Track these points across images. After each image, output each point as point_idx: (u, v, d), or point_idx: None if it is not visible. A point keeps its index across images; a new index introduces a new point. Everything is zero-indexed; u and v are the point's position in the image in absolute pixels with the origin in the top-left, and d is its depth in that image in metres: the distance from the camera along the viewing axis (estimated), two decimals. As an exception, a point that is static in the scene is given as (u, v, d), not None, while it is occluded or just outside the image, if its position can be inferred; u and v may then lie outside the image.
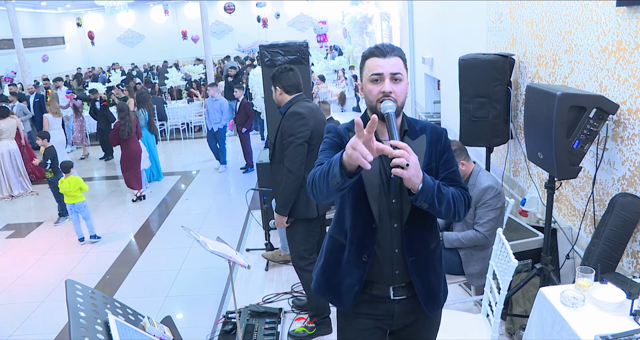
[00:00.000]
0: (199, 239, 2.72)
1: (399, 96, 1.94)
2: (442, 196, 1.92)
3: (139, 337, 1.81)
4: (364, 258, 2.08)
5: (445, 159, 2.09)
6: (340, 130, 2.10)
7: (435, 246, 2.17)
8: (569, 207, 3.67)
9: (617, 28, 2.91)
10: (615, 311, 2.32)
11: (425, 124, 2.13)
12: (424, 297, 2.13)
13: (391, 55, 1.95)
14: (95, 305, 1.80)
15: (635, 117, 2.83)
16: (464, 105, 4.31)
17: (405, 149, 1.76)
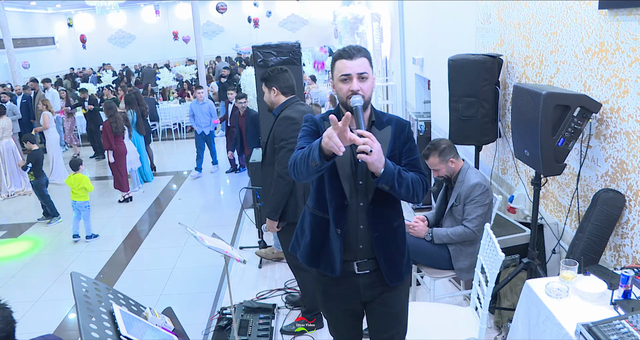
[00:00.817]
0: (196, 235, 2.80)
1: (366, 92, 2.23)
2: (402, 180, 2.19)
3: (143, 325, 1.88)
4: (338, 231, 2.34)
5: (408, 147, 2.38)
6: (317, 119, 2.39)
7: (397, 224, 2.42)
8: (555, 204, 3.77)
9: (600, 30, 3.01)
10: (597, 301, 2.41)
11: (391, 117, 2.42)
12: (385, 270, 2.39)
13: (357, 57, 2.22)
14: (100, 296, 1.87)
15: (617, 115, 2.93)
16: (453, 105, 4.40)
17: (369, 138, 2.01)
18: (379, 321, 2.54)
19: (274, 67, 3.72)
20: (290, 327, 3.99)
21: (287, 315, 4.24)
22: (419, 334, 2.95)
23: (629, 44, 2.75)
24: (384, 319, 2.52)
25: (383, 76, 10.33)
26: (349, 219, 2.33)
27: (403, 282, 2.51)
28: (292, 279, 4.74)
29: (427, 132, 6.30)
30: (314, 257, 2.47)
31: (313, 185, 2.46)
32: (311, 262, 2.50)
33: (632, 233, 2.88)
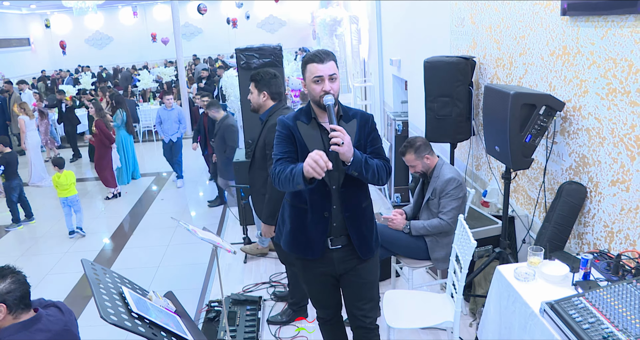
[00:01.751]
0: (189, 228, 2.95)
1: (336, 91, 2.56)
2: (368, 167, 2.53)
3: (149, 305, 2.05)
4: (325, 214, 2.67)
5: (372, 137, 2.72)
6: (289, 122, 2.69)
7: (366, 205, 2.77)
8: (525, 197, 4.01)
9: (562, 34, 3.25)
10: (560, 283, 2.63)
11: (356, 111, 2.75)
12: (357, 245, 2.73)
13: (327, 61, 2.55)
14: (109, 280, 2.03)
15: (578, 113, 3.17)
16: (429, 104, 4.60)
17: (341, 132, 2.35)
18: (353, 290, 2.85)
19: (267, 71, 3.75)
20: (276, 318, 4.17)
21: (272, 307, 4.42)
22: (399, 319, 3.15)
23: (588, 48, 2.99)
24: (358, 289, 2.84)
25: (361, 77, 10.54)
26: (325, 201, 2.65)
27: (373, 256, 2.84)
28: (276, 273, 4.92)
29: (404, 131, 6.52)
30: (295, 244, 2.81)
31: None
32: (292, 248, 2.83)
33: (592, 221, 3.12)
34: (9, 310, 2.22)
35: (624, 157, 2.77)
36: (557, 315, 2.26)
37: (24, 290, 2.26)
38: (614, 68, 2.78)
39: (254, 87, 3.73)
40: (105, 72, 21.22)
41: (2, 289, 2.22)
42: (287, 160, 2.63)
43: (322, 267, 2.80)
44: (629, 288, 2.25)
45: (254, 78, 3.73)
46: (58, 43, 25.78)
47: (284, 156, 2.65)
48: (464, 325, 3.85)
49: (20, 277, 2.30)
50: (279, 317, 4.17)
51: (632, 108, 2.66)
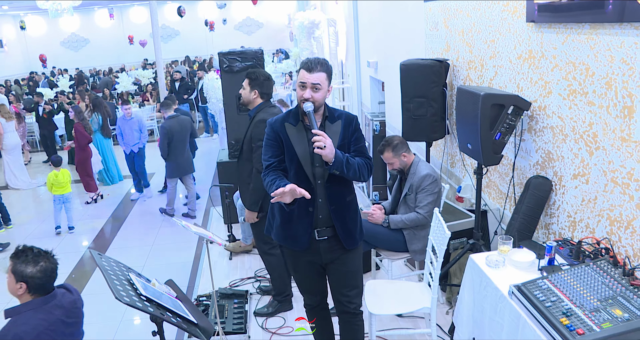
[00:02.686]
0: (182, 224, 3.12)
1: (317, 99, 2.78)
2: (350, 166, 2.78)
3: (154, 290, 2.22)
4: (310, 209, 2.89)
5: (355, 137, 2.95)
6: (276, 125, 2.91)
7: (350, 199, 3.00)
8: (497, 191, 4.26)
9: (528, 39, 3.50)
10: (527, 269, 2.86)
11: (341, 112, 2.98)
12: (343, 236, 2.96)
13: (316, 71, 2.76)
14: (116, 268, 2.19)
15: (544, 112, 3.42)
16: (405, 105, 4.82)
17: (322, 136, 2.63)
18: (338, 278, 3.08)
19: (263, 72, 4.07)
20: (262, 310, 4.35)
21: (259, 299, 4.60)
22: (379, 306, 3.36)
23: (551, 52, 3.24)
24: (343, 277, 3.07)
25: (339, 79, 10.75)
26: (314, 196, 2.85)
27: (357, 246, 3.07)
28: (261, 268, 5.10)
29: (382, 131, 6.74)
30: (284, 236, 3.04)
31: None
32: (282, 240, 3.07)
33: (558, 212, 3.37)
34: (29, 290, 2.42)
35: (583, 152, 3.02)
36: (524, 296, 2.49)
37: (47, 279, 2.44)
38: (574, 71, 3.03)
39: (247, 83, 4.00)
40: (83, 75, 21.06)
41: (29, 272, 2.39)
42: (276, 168, 2.89)
43: (309, 256, 3.02)
44: (586, 270, 2.49)
45: (250, 76, 4.01)
46: (32, 45, 25.43)
47: (272, 163, 2.90)
48: (441, 313, 4.07)
49: (51, 265, 2.46)
50: (264, 309, 4.36)
51: (590, 107, 2.91)
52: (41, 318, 2.37)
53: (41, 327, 2.35)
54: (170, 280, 2.69)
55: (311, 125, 2.72)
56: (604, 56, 2.75)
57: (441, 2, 4.95)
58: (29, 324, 2.34)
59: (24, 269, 2.41)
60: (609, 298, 2.27)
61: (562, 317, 2.24)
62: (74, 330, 2.60)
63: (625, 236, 2.74)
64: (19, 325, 2.34)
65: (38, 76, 21.16)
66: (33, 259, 2.43)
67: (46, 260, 2.46)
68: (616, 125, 2.71)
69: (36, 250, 2.48)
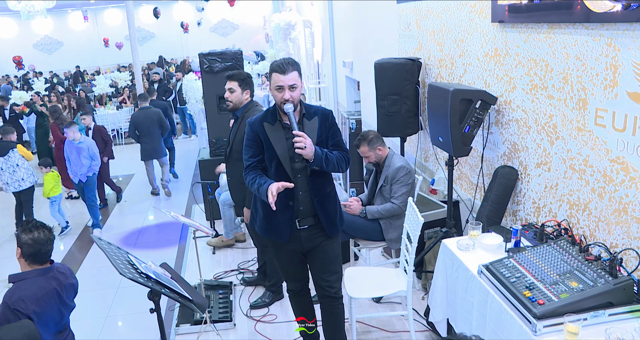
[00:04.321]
0: (171, 214, 3.28)
1: (295, 98, 2.94)
2: (328, 161, 3.00)
3: (151, 270, 2.38)
4: (290, 203, 3.07)
5: (332, 131, 3.14)
6: (255, 125, 3.07)
7: (330, 190, 3.19)
8: (468, 183, 4.49)
9: (494, 38, 3.73)
10: (495, 251, 3.07)
11: (317, 108, 3.16)
12: (325, 224, 3.15)
13: (289, 72, 2.91)
14: (115, 251, 2.35)
15: (509, 107, 3.65)
16: (380, 102, 5.02)
17: (302, 136, 2.84)
18: (319, 265, 3.27)
19: (244, 72, 4.22)
20: (258, 302, 4.48)
21: (242, 290, 4.76)
22: (358, 290, 3.55)
23: (514, 50, 3.48)
24: (323, 263, 3.26)
25: (315, 79, 10.94)
26: (288, 192, 3.02)
27: (338, 233, 3.27)
28: (243, 261, 5.26)
29: (358, 129, 6.94)
30: (267, 229, 3.21)
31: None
32: (264, 232, 3.23)
33: (524, 200, 3.61)
34: (23, 256, 2.72)
35: (545, 142, 3.26)
36: (491, 273, 2.71)
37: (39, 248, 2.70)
38: (535, 67, 3.27)
39: (237, 86, 4.06)
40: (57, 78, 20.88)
41: (23, 238, 2.70)
42: (256, 167, 3.09)
43: (290, 245, 3.21)
44: (548, 249, 2.72)
45: (238, 77, 4.08)
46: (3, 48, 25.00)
47: (252, 163, 3.09)
48: (417, 299, 4.28)
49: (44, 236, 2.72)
50: (260, 300, 4.50)
51: (550, 101, 3.15)
52: (40, 285, 2.67)
53: (40, 293, 2.64)
54: (165, 263, 2.85)
55: (292, 126, 2.89)
56: (560, 53, 2.99)
57: (413, 4, 5.18)
58: (30, 289, 2.63)
59: (20, 235, 2.72)
60: (566, 272, 2.49)
61: (525, 290, 2.46)
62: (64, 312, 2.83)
63: (583, 218, 2.98)
64: (22, 289, 2.63)
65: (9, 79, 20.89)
66: (29, 228, 2.71)
67: (41, 232, 2.72)
68: (573, 116, 2.95)
69: (36, 222, 2.77)
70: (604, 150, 2.74)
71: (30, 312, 2.57)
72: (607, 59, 2.63)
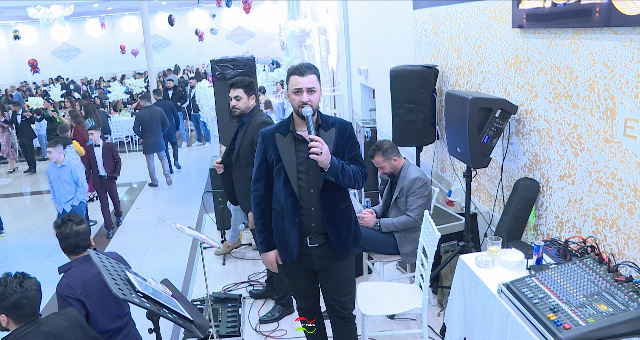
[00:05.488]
0: (177, 226, 3.16)
1: (314, 102, 2.80)
2: (345, 172, 2.79)
3: (150, 288, 2.26)
4: (296, 220, 2.91)
5: (350, 144, 2.95)
6: (267, 136, 2.94)
7: (344, 207, 3.00)
8: (486, 195, 4.32)
9: (514, 45, 3.58)
10: (516, 268, 2.92)
11: (335, 119, 2.98)
12: (336, 244, 2.96)
13: (308, 74, 2.79)
14: (113, 267, 2.24)
15: (530, 116, 3.49)
16: (396, 111, 4.89)
17: (319, 142, 2.63)
18: (331, 285, 3.08)
19: (247, 78, 4.13)
20: (268, 316, 4.36)
21: (252, 303, 4.63)
22: (371, 307, 3.40)
23: (536, 57, 3.32)
24: (335, 284, 3.08)
25: (330, 86, 10.84)
26: (303, 204, 2.89)
27: (350, 254, 3.08)
28: (254, 273, 5.13)
29: (373, 138, 6.80)
30: (277, 247, 3.04)
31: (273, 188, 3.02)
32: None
33: (545, 214, 3.44)
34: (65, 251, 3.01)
35: (569, 153, 3.10)
36: (512, 293, 2.55)
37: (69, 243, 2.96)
38: (559, 75, 3.11)
39: (243, 92, 4.00)
40: (74, 85, 21.03)
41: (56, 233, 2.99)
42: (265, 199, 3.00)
43: (301, 263, 3.03)
44: (573, 267, 2.55)
45: (242, 84, 4.01)
46: (23, 54, 25.44)
47: (260, 177, 2.99)
48: (432, 315, 4.12)
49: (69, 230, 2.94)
50: (270, 314, 4.38)
51: (574, 110, 2.99)
52: (85, 271, 2.87)
53: (86, 278, 2.84)
54: (166, 280, 2.74)
55: (309, 130, 2.71)
56: (586, 60, 2.83)
57: (430, 10, 5.04)
58: (76, 275, 2.83)
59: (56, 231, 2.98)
60: (594, 294, 2.33)
61: (549, 313, 2.29)
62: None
63: (610, 235, 2.81)
64: (69, 277, 2.84)
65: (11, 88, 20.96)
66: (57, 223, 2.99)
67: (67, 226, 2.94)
68: (599, 126, 2.79)
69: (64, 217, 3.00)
70: (634, 163, 2.57)
71: (79, 295, 2.76)
72: (639, 66, 2.47)
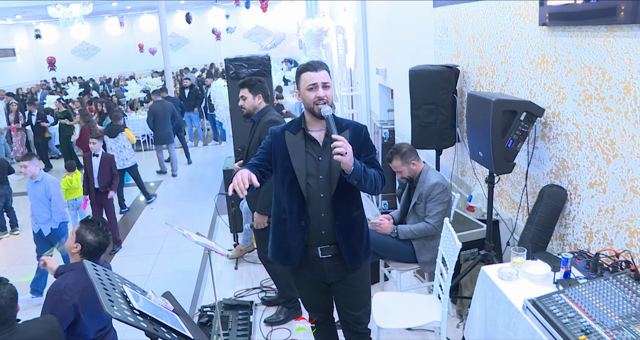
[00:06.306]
0: (184, 233, 3.03)
1: (329, 98, 2.65)
2: (367, 175, 2.58)
3: (149, 304, 2.12)
4: (302, 223, 2.72)
5: (366, 147, 2.78)
6: (277, 132, 2.79)
7: (356, 215, 2.82)
8: (509, 201, 4.13)
9: (541, 44, 3.39)
10: (542, 282, 2.73)
11: (349, 122, 2.82)
12: (346, 254, 2.77)
13: (320, 70, 2.65)
14: (110, 280, 2.11)
15: (557, 119, 3.30)
16: (415, 112, 4.72)
17: (344, 142, 2.41)
18: (345, 298, 2.92)
19: (255, 77, 4.05)
20: (272, 318, 4.26)
21: (264, 311, 4.49)
22: (387, 320, 3.24)
23: (565, 57, 3.13)
24: (350, 297, 2.90)
25: (348, 86, 10.67)
26: (310, 209, 2.72)
27: (363, 265, 2.88)
28: (267, 278, 4.99)
29: (391, 139, 6.64)
30: (275, 252, 2.91)
31: (273, 190, 2.87)
32: (274, 256, 2.93)
33: (573, 223, 3.25)
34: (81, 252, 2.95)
35: (600, 160, 2.90)
36: (539, 311, 2.37)
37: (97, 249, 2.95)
38: (589, 75, 2.92)
39: (248, 92, 3.97)
40: (92, 83, 21.14)
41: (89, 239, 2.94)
42: (253, 167, 2.70)
43: (312, 274, 2.87)
44: (605, 284, 2.36)
45: (247, 84, 3.97)
46: (44, 53, 25.72)
47: (254, 163, 2.76)
48: (451, 326, 3.94)
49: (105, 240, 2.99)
50: (274, 316, 4.28)
51: (607, 113, 2.79)
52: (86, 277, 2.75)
53: (84, 284, 2.78)
54: (168, 293, 2.60)
55: (330, 130, 2.55)
56: (622, 60, 2.64)
57: (451, 7, 4.86)
58: (77, 278, 2.82)
59: (86, 235, 2.94)
60: (631, 315, 2.14)
61: (580, 335, 2.11)
62: None
63: (646, 248, 2.61)
64: (70, 278, 2.82)
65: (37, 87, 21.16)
66: (96, 230, 2.96)
67: (104, 237, 2.98)
68: (635, 131, 2.59)
69: (101, 225, 3.02)
70: (673, 172, 2.38)
71: (77, 300, 2.74)
72: (680, 67, 2.27)
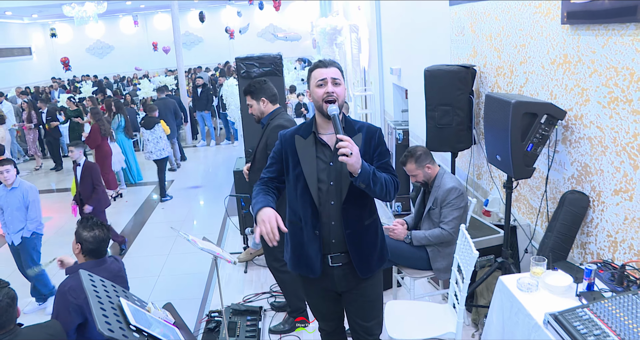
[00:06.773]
0: (189, 238, 2.94)
1: (340, 95, 2.51)
2: (377, 179, 2.44)
3: (148, 317, 2.03)
4: (316, 233, 2.60)
5: (379, 151, 2.64)
6: (286, 138, 2.67)
7: (369, 223, 2.69)
8: (527, 206, 3.98)
9: (563, 43, 3.24)
10: (563, 294, 2.60)
11: (363, 124, 2.68)
12: (357, 263, 2.64)
13: (331, 67, 2.53)
14: (107, 291, 2.01)
15: (580, 122, 3.15)
16: (430, 113, 4.59)
17: (349, 142, 2.30)
18: (356, 309, 2.80)
19: (255, 80, 3.95)
20: (278, 327, 4.15)
21: (273, 316, 4.39)
22: (400, 330, 3.11)
23: (589, 56, 2.98)
24: (361, 307, 2.79)
25: (362, 86, 10.55)
26: (322, 217, 2.60)
27: (374, 274, 2.76)
28: (276, 283, 4.88)
29: (405, 140, 6.50)
30: (296, 263, 2.75)
31: (286, 198, 2.75)
32: (294, 267, 2.78)
33: (595, 231, 3.10)
34: (82, 252, 2.96)
35: (626, 166, 2.75)
36: (562, 326, 2.24)
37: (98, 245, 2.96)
38: (616, 76, 2.77)
39: (250, 99, 3.89)
40: (106, 81, 21.21)
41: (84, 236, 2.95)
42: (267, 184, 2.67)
43: (323, 283, 2.75)
44: (634, 299, 2.22)
45: (248, 91, 3.89)
46: (59, 52, 25.92)
47: (267, 176, 2.70)
48: (466, 335, 3.81)
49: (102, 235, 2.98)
50: (280, 326, 4.16)
51: (635, 116, 2.64)
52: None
53: None
54: (169, 304, 2.51)
55: (336, 130, 2.41)
56: (651, 60, 2.49)
57: (467, 5, 4.72)
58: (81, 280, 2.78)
59: (82, 232, 2.95)
60: (661, 334, 2.00)
61: (607, 355, 1.98)
62: None
63: (676, 260, 2.46)
64: (75, 279, 2.73)
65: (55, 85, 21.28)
66: (90, 226, 2.96)
67: (100, 231, 2.97)
68: (665, 137, 2.45)
69: (96, 220, 3.02)
70: None
71: (81, 301, 2.70)
72: None
